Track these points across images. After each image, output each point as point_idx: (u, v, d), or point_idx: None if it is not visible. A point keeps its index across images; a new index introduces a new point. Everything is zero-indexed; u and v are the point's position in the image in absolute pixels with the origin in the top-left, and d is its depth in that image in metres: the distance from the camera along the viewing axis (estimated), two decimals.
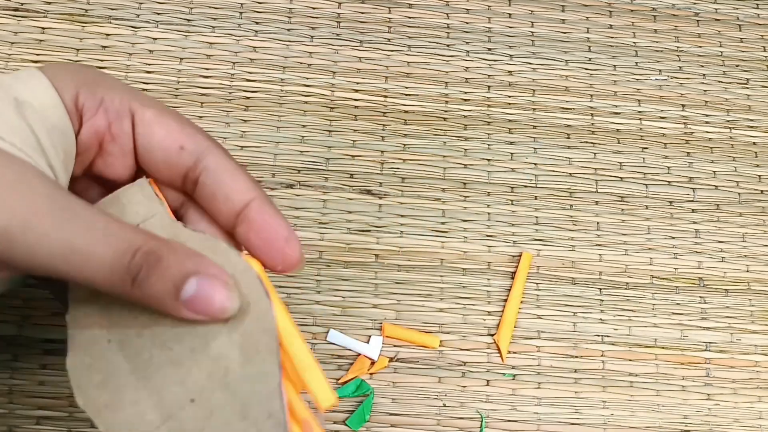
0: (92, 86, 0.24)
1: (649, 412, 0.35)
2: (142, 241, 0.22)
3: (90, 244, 0.21)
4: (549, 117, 0.39)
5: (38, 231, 0.21)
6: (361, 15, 0.40)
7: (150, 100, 0.25)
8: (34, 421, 0.32)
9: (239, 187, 0.25)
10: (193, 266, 0.22)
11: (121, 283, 0.21)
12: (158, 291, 0.22)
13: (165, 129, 0.25)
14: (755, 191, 0.39)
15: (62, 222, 0.21)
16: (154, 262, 0.21)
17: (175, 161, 0.25)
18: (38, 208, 0.21)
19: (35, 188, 0.21)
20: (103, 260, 0.21)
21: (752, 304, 0.37)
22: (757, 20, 0.42)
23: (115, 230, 0.22)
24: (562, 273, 0.37)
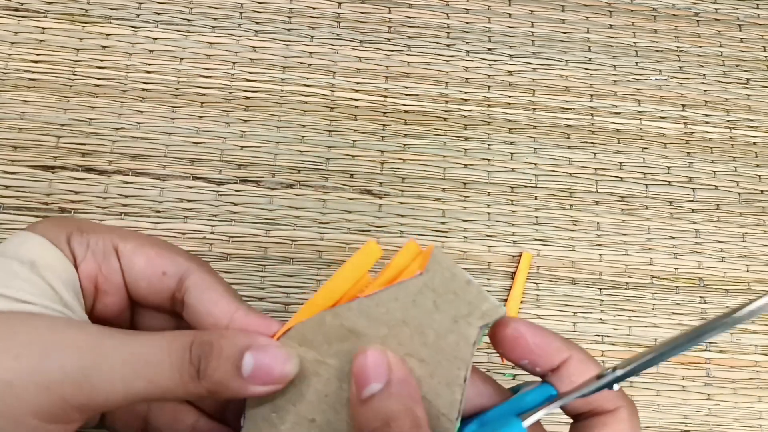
0: (78, 233, 0.26)
1: (649, 412, 0.35)
2: (191, 335, 0.24)
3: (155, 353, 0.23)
4: (549, 117, 0.39)
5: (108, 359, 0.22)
6: (361, 15, 0.40)
7: (131, 234, 0.27)
8: None
9: (220, 303, 0.25)
10: (245, 341, 0.24)
11: (190, 379, 0.23)
12: (222, 375, 0.23)
13: (145, 258, 0.26)
14: (755, 191, 0.39)
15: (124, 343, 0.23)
16: (209, 350, 0.23)
17: (158, 287, 0.26)
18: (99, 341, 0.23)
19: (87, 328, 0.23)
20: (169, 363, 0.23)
21: None
22: (757, 20, 0.42)
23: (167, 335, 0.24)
24: (562, 273, 0.37)
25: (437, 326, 0.24)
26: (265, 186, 0.36)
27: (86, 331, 0.23)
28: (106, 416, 0.28)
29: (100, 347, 0.22)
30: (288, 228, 0.36)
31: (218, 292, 0.26)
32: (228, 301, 0.25)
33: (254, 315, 0.25)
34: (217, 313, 0.25)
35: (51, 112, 0.36)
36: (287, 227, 0.36)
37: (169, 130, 0.37)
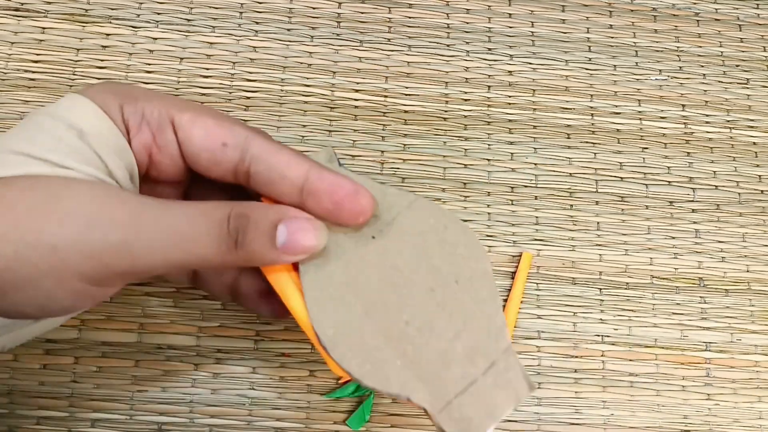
0: (132, 101, 0.25)
1: (649, 412, 0.35)
2: (229, 207, 0.24)
3: (192, 225, 0.23)
4: (549, 117, 0.39)
5: (148, 231, 0.23)
6: (361, 15, 0.40)
7: (186, 103, 0.26)
8: (35, 421, 0.32)
9: (292, 165, 0.25)
10: (276, 214, 0.25)
11: (228, 250, 0.24)
12: (258, 246, 0.24)
13: (203, 129, 0.25)
14: (755, 191, 0.39)
15: (163, 217, 0.23)
16: (245, 222, 0.24)
17: (220, 159, 0.26)
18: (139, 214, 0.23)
19: (127, 199, 0.23)
20: (209, 234, 0.24)
21: (752, 304, 0.37)
22: (757, 20, 0.42)
23: (205, 208, 0.24)
24: (562, 273, 0.37)
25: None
26: None
27: (126, 203, 0.23)
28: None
29: (139, 220, 0.23)
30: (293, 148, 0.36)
31: (287, 154, 0.26)
32: (299, 161, 0.25)
33: (327, 173, 0.25)
34: (292, 176, 0.25)
35: None
36: None
37: None
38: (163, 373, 0.33)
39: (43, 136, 0.24)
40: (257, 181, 0.26)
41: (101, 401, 0.33)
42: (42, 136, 0.24)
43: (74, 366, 0.33)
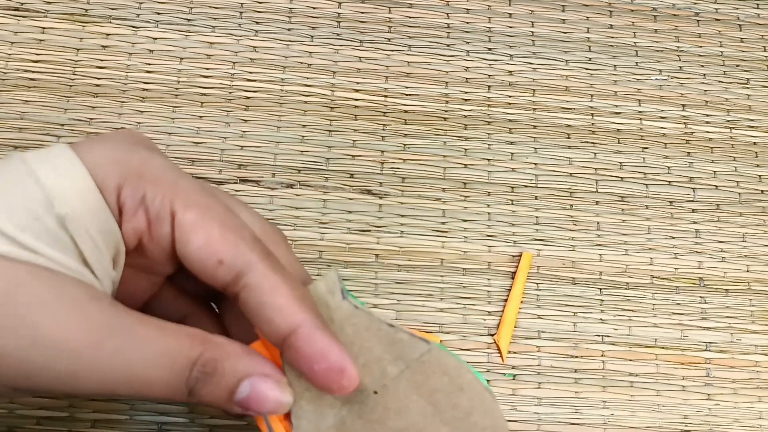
0: (135, 179, 0.23)
1: (649, 412, 0.35)
2: (200, 350, 0.22)
3: (149, 369, 0.21)
4: (549, 117, 0.39)
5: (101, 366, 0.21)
6: (361, 15, 0.40)
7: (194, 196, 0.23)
8: (35, 421, 0.32)
9: (284, 312, 0.23)
10: (246, 369, 0.22)
11: (179, 395, 0.22)
12: (214, 398, 0.22)
13: (204, 238, 0.23)
14: (755, 191, 0.39)
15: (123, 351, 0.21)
16: (211, 372, 0.22)
17: (212, 275, 0.23)
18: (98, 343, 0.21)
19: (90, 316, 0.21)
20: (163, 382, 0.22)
21: (752, 304, 0.37)
22: (757, 20, 0.42)
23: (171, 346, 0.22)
24: (563, 273, 0.37)
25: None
26: (265, 186, 0.36)
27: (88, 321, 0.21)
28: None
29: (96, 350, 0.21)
30: (288, 228, 0.36)
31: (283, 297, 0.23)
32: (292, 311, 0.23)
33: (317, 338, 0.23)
34: (279, 323, 0.23)
35: (51, 112, 0.36)
36: (287, 227, 0.36)
37: (169, 129, 0.37)
38: None
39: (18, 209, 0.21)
40: (244, 308, 0.23)
41: (101, 401, 0.33)
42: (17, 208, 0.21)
43: None
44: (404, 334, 0.24)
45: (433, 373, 0.24)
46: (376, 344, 0.24)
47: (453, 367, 0.24)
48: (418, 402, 0.23)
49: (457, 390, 0.23)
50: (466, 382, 0.24)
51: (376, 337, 0.24)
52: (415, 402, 0.23)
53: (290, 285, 0.23)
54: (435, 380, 0.24)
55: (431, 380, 0.24)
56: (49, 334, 0.20)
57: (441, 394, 0.23)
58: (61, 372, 0.21)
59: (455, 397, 0.23)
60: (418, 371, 0.24)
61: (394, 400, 0.23)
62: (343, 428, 0.23)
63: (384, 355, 0.24)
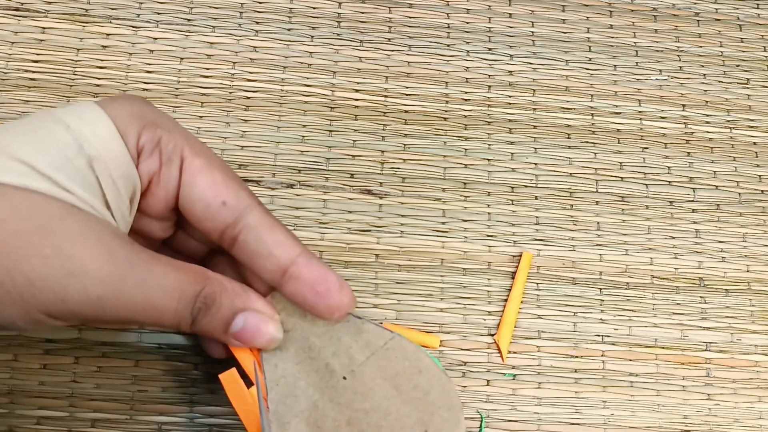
0: (152, 127, 0.25)
1: (649, 412, 0.35)
2: (202, 284, 0.25)
3: (164, 300, 0.24)
4: (549, 117, 0.39)
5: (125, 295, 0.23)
6: (361, 15, 0.40)
7: (202, 147, 0.26)
8: (35, 421, 0.32)
9: (283, 245, 0.26)
10: (242, 304, 0.25)
11: (184, 324, 0.25)
12: (212, 328, 0.25)
13: (209, 181, 0.25)
14: (756, 191, 0.39)
15: (143, 283, 0.24)
16: (210, 303, 0.25)
17: (214, 216, 0.26)
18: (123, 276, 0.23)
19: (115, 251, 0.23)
20: (174, 311, 0.24)
21: (752, 304, 0.37)
22: (757, 20, 0.42)
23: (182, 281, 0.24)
24: (563, 273, 0.37)
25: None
26: (266, 186, 0.36)
27: (114, 256, 0.23)
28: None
29: (120, 281, 0.23)
30: (288, 228, 0.36)
31: (281, 233, 0.26)
32: (291, 244, 0.26)
33: (315, 264, 0.26)
34: (280, 255, 0.25)
35: None
36: (288, 227, 0.36)
37: None
38: (163, 372, 0.33)
39: (52, 151, 0.23)
40: (242, 249, 0.26)
41: (101, 401, 0.33)
42: (51, 150, 0.23)
43: (74, 366, 0.33)
44: (370, 325, 0.27)
45: (396, 358, 0.26)
46: (345, 334, 0.26)
47: (412, 352, 0.27)
48: (382, 385, 0.26)
49: (416, 372, 0.26)
50: (424, 365, 0.26)
51: (344, 327, 0.27)
52: (379, 385, 0.26)
53: (284, 226, 0.26)
54: (397, 364, 0.26)
55: (394, 364, 0.26)
56: (83, 265, 0.23)
57: (403, 377, 0.26)
58: (91, 297, 0.23)
59: (415, 378, 0.26)
60: (383, 357, 0.26)
61: (361, 384, 0.26)
62: (315, 411, 0.25)
63: (352, 343, 0.26)
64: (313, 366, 0.26)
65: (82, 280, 0.22)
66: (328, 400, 0.25)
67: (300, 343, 0.26)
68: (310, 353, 0.26)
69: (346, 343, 0.26)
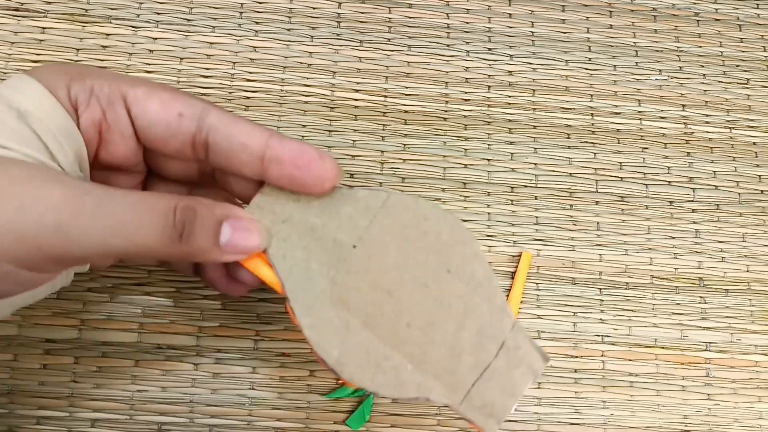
0: (80, 79, 0.25)
1: (649, 412, 0.35)
2: (176, 200, 0.24)
3: (136, 214, 0.23)
4: (549, 117, 0.39)
5: (87, 216, 0.22)
6: (361, 15, 0.40)
7: (138, 79, 0.25)
8: (35, 421, 0.32)
9: (252, 133, 0.25)
10: (222, 211, 0.24)
11: (171, 242, 0.23)
12: (202, 241, 0.24)
13: (158, 102, 0.25)
14: (755, 191, 0.39)
15: (104, 202, 0.22)
16: (192, 216, 0.23)
17: (176, 130, 0.25)
18: (78, 197, 0.22)
19: (67, 183, 0.22)
20: (152, 224, 0.23)
21: (752, 304, 0.37)
22: (757, 20, 0.42)
23: (150, 198, 0.23)
24: (562, 273, 0.37)
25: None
26: None
27: (65, 185, 0.22)
28: None
29: (77, 203, 0.22)
30: None
31: (246, 124, 0.25)
32: (259, 130, 0.25)
33: (288, 141, 0.25)
34: (253, 144, 0.25)
35: None
36: None
37: None
38: (163, 373, 0.33)
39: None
40: (216, 152, 0.25)
41: (101, 401, 0.33)
42: None
43: (74, 366, 0.33)
44: (363, 191, 0.27)
45: (398, 213, 0.26)
46: (343, 205, 0.26)
47: (412, 202, 0.27)
48: (393, 241, 0.26)
49: (422, 219, 0.26)
50: (427, 211, 0.27)
51: (340, 200, 0.26)
52: (390, 242, 0.26)
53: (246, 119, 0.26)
54: (401, 218, 0.26)
55: (398, 219, 0.26)
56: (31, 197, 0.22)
57: (410, 228, 0.26)
58: (49, 225, 0.22)
59: (423, 225, 0.26)
60: (385, 215, 0.26)
61: (372, 247, 0.26)
62: (335, 287, 0.25)
63: (352, 212, 0.26)
64: (321, 245, 0.26)
65: (34, 210, 0.21)
66: (345, 273, 0.26)
67: (301, 228, 0.26)
68: (314, 234, 0.26)
69: (347, 213, 0.26)
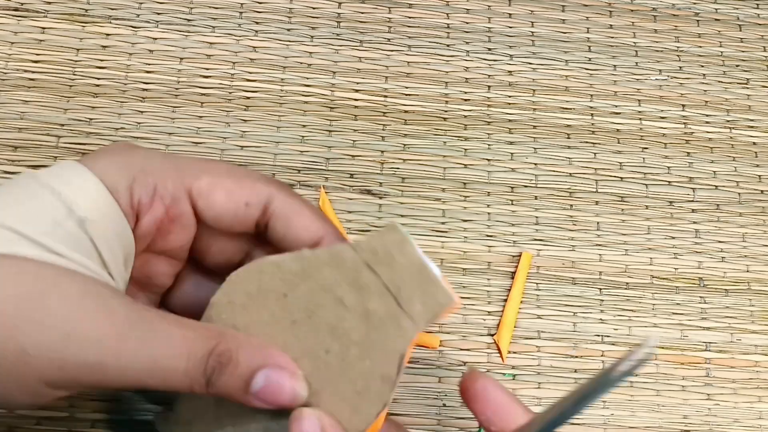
0: (143, 177, 0.24)
1: (649, 412, 0.35)
2: (214, 343, 0.23)
3: (171, 358, 0.22)
4: (549, 117, 0.39)
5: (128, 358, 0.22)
6: (361, 15, 0.40)
7: (201, 166, 0.25)
8: (35, 421, 0.32)
9: (310, 228, 0.26)
10: (262, 360, 0.23)
11: (198, 386, 0.23)
12: (230, 388, 0.23)
13: (224, 193, 0.25)
14: (755, 191, 0.39)
15: (145, 342, 0.22)
16: (226, 363, 0.23)
17: (243, 218, 0.26)
18: (124, 335, 0.22)
19: (115, 311, 0.22)
20: (184, 370, 0.22)
21: (752, 304, 0.37)
22: (757, 20, 0.42)
23: (189, 339, 0.23)
24: (562, 273, 0.37)
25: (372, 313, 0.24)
26: None
27: (113, 316, 0.22)
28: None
29: (121, 342, 0.22)
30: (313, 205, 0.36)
31: (307, 216, 0.26)
32: (316, 226, 0.26)
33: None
34: (308, 238, 0.26)
35: (51, 112, 0.36)
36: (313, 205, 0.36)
37: (169, 130, 0.37)
38: None
39: (38, 216, 0.22)
40: (273, 235, 0.26)
41: (101, 401, 0.33)
42: (38, 215, 0.22)
43: None
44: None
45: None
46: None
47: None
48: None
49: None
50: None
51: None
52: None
53: (309, 206, 0.26)
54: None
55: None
56: (78, 327, 0.22)
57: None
58: (89, 361, 0.22)
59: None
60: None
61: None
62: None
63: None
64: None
65: (78, 344, 0.21)
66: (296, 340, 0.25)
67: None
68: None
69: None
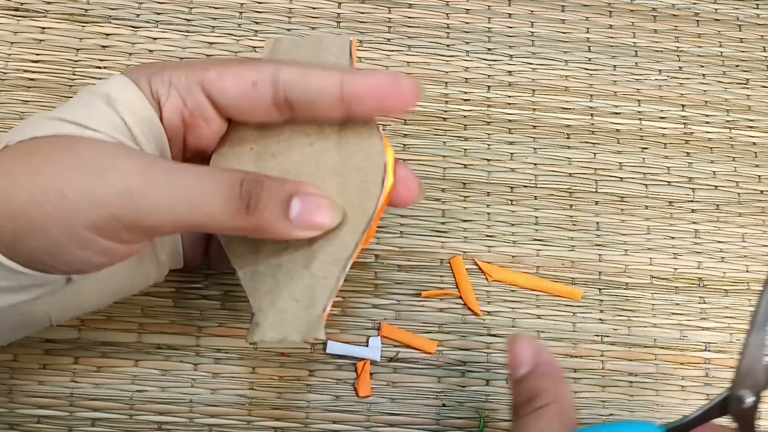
0: (159, 73, 0.26)
1: (648, 411, 0.35)
2: (243, 173, 0.25)
3: (203, 183, 0.24)
4: (549, 117, 0.39)
5: (155, 183, 0.23)
6: (361, 15, 0.40)
7: (210, 63, 0.27)
8: (35, 421, 0.32)
9: (324, 78, 0.26)
10: (293, 187, 0.25)
11: (238, 212, 0.24)
12: (270, 213, 0.24)
13: (232, 77, 0.26)
14: (755, 191, 0.39)
15: (172, 173, 0.24)
16: (259, 188, 0.24)
17: (255, 98, 0.26)
18: (148, 167, 0.24)
19: (140, 156, 0.24)
20: (218, 193, 0.24)
21: (752, 305, 0.37)
22: (757, 20, 0.42)
23: (217, 171, 0.25)
24: (562, 273, 0.37)
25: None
26: None
27: (138, 158, 0.24)
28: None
29: (147, 172, 0.23)
30: None
31: (317, 70, 0.26)
32: (332, 73, 0.26)
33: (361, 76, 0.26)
34: (327, 87, 0.26)
35: None
36: None
37: None
38: (163, 373, 0.33)
39: (78, 106, 0.25)
40: (299, 107, 0.26)
41: (101, 401, 0.33)
42: (78, 105, 0.25)
43: (74, 366, 0.33)
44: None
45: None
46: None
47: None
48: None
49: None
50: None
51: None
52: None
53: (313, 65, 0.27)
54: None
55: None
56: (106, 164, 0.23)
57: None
58: (119, 189, 0.23)
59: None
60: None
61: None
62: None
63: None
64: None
65: (107, 177, 0.23)
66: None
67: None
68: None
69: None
